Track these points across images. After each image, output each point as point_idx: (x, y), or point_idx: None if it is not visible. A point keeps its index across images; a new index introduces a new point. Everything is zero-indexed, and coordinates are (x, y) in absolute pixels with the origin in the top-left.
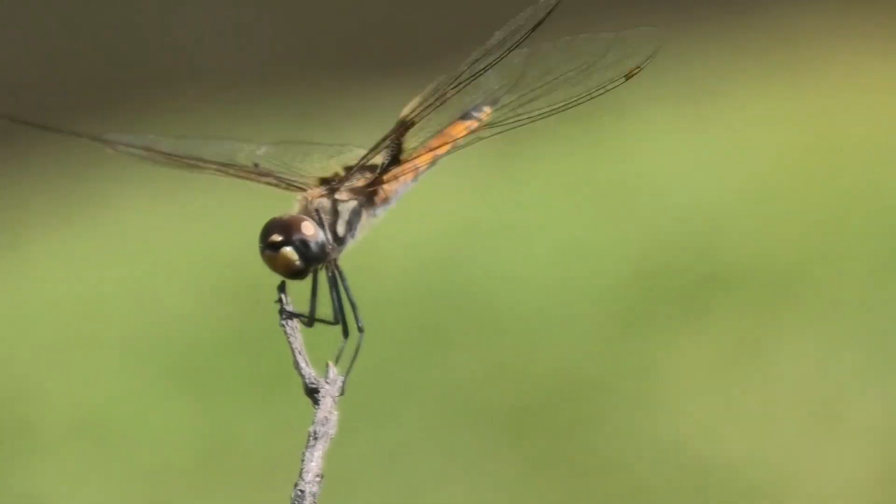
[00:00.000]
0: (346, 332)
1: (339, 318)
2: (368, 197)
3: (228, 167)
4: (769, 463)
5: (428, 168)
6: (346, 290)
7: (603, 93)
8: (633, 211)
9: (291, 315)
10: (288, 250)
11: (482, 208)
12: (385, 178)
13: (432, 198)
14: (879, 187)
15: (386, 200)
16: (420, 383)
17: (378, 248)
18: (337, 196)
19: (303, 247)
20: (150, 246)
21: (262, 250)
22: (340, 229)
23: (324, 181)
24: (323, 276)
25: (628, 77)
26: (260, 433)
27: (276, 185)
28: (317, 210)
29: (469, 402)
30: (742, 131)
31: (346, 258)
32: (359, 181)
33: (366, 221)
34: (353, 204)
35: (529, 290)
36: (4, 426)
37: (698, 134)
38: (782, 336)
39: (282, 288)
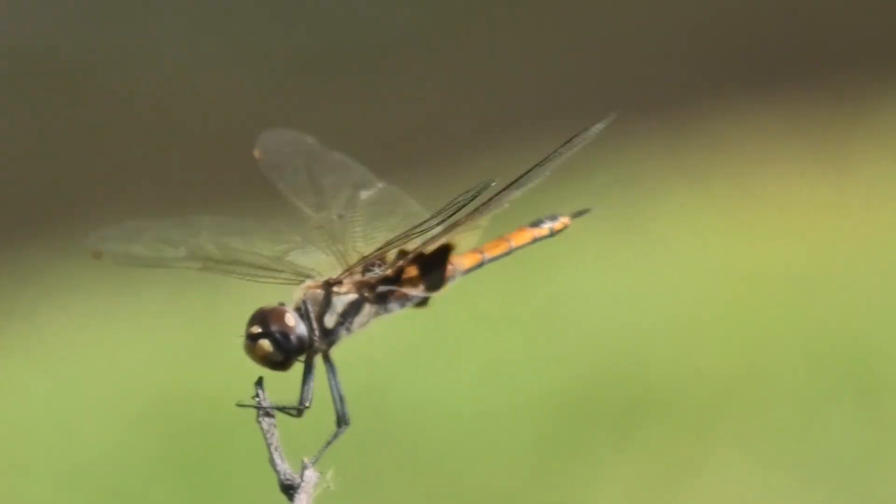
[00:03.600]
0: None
1: (339, 407)
2: (377, 289)
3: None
4: None
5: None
6: (336, 383)
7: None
8: (558, 335)
9: (268, 412)
10: (265, 342)
11: (406, 336)
12: (403, 277)
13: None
14: (803, 311)
15: (404, 297)
16: None
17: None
18: (335, 288)
19: (282, 338)
20: (74, 366)
21: (244, 341)
22: (329, 322)
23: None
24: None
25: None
26: None
27: (294, 282)
28: (305, 301)
29: None
30: (667, 256)
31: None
32: (367, 276)
33: (369, 316)
34: (351, 297)
35: (455, 417)
36: None
37: (624, 258)
38: (709, 460)
39: (259, 384)
